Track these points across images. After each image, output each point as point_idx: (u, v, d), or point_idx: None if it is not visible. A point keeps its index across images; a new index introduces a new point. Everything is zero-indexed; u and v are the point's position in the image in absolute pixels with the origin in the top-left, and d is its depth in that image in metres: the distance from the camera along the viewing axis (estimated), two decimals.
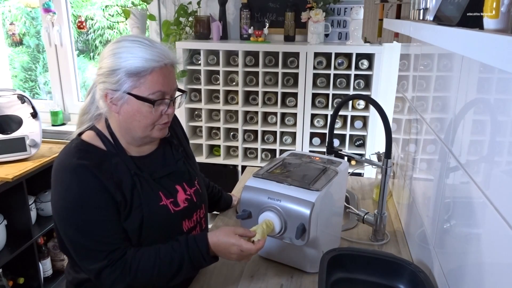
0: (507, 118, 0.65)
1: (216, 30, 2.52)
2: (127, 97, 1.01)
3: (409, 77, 1.52)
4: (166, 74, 1.02)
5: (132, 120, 1.04)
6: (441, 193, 0.98)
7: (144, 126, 1.04)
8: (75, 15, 2.99)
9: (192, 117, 2.63)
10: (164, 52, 1.02)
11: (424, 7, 0.87)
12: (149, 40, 1.03)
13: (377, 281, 1.08)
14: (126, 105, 1.02)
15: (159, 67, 1.00)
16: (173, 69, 1.06)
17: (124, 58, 0.99)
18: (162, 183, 1.11)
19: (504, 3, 0.47)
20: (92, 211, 0.99)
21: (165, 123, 1.07)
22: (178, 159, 1.19)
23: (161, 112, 1.04)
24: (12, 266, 2.14)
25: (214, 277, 1.18)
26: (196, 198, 1.18)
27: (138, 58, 0.98)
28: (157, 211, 1.07)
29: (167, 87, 1.03)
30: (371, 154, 1.88)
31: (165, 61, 1.01)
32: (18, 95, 2.21)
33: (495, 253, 0.67)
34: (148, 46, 1.00)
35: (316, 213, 1.04)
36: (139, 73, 0.99)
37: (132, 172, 1.05)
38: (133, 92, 1.00)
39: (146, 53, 0.99)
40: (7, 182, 1.96)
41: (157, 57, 1.00)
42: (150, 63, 0.99)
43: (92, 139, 1.07)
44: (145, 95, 1.00)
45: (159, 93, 1.02)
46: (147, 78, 0.99)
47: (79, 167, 0.99)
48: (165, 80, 1.02)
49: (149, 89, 1.00)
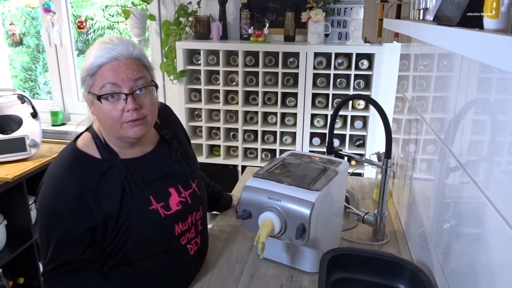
0: (507, 118, 0.65)
1: (216, 30, 2.52)
2: (91, 97, 1.02)
3: (409, 77, 1.52)
4: (117, 68, 0.99)
5: (101, 120, 1.04)
6: (441, 193, 0.98)
7: (111, 126, 1.02)
8: (75, 15, 2.99)
9: (192, 117, 2.63)
10: (116, 48, 1.00)
11: (424, 7, 0.87)
12: (112, 39, 1.03)
13: (377, 281, 1.08)
14: (94, 106, 1.03)
15: (107, 62, 0.99)
16: (132, 63, 1.01)
17: (85, 59, 1.02)
18: (153, 186, 1.09)
19: (504, 3, 0.47)
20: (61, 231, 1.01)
21: (132, 120, 1.01)
22: (176, 161, 1.16)
23: (123, 109, 1.00)
24: (12, 266, 2.14)
25: (214, 277, 1.18)
26: (192, 201, 1.15)
27: (91, 58, 1.00)
28: (147, 215, 1.05)
29: (118, 80, 0.99)
30: (371, 154, 1.88)
31: (115, 56, 0.99)
32: (18, 95, 2.21)
33: (495, 253, 0.67)
34: (105, 44, 1.01)
35: (316, 213, 1.04)
36: (91, 71, 1.00)
37: (122, 177, 1.04)
38: (91, 91, 1.01)
39: (98, 51, 1.00)
40: (7, 182, 1.96)
41: (107, 53, 0.99)
42: (99, 59, 0.99)
43: (86, 145, 1.06)
44: (97, 92, 1.00)
45: (109, 87, 0.99)
46: (97, 74, 0.99)
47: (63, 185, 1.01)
48: (114, 74, 0.99)
49: (99, 84, 0.99)
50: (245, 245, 1.33)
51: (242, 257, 1.27)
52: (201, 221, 1.21)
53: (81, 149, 1.05)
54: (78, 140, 1.08)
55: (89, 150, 1.05)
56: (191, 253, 1.15)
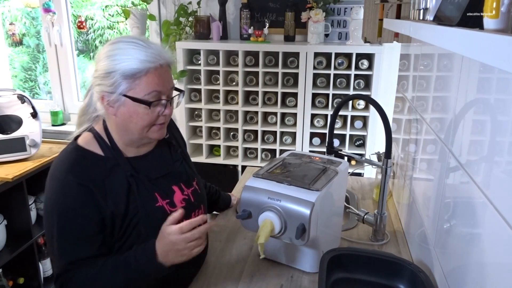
0: (507, 118, 0.65)
1: (216, 30, 2.52)
2: (123, 99, 1.00)
3: (409, 77, 1.52)
4: (162, 75, 1.01)
5: (129, 122, 1.04)
6: (441, 193, 0.98)
7: (141, 128, 1.04)
8: (75, 15, 2.99)
9: (192, 117, 2.63)
10: (158, 52, 1.01)
11: (424, 7, 0.87)
12: (144, 41, 1.02)
13: (377, 281, 1.08)
14: (122, 107, 1.02)
15: (154, 67, 1.00)
16: (169, 69, 1.05)
17: (118, 60, 0.99)
18: (158, 184, 1.10)
19: (504, 3, 0.47)
20: (70, 229, 1.00)
21: (162, 123, 1.07)
22: (176, 160, 1.18)
23: (158, 113, 1.04)
24: (12, 266, 2.13)
25: (214, 277, 1.18)
26: (194, 198, 1.17)
27: (132, 60, 0.98)
28: (154, 212, 1.06)
29: (163, 87, 1.02)
30: (371, 154, 1.88)
31: (160, 62, 1.01)
32: (18, 95, 2.21)
33: (495, 253, 0.67)
34: (142, 47, 1.00)
35: (316, 213, 1.04)
36: (134, 75, 0.98)
37: (128, 174, 1.05)
38: (129, 94, 1.00)
39: (140, 54, 0.99)
40: (7, 182, 1.95)
41: (152, 58, 0.99)
42: (145, 64, 0.98)
43: (88, 143, 1.07)
44: (141, 97, 1.00)
45: (155, 94, 1.01)
46: (142, 79, 0.99)
47: (69, 182, 1.00)
48: (160, 81, 1.01)
49: (144, 90, 1.00)
50: (245, 245, 1.33)
51: (242, 257, 1.27)
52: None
53: (84, 146, 1.06)
54: (79, 139, 1.08)
55: (91, 147, 1.06)
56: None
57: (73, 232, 1.00)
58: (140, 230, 1.04)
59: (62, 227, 1.00)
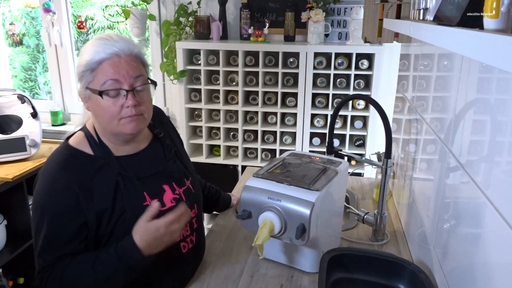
0: (507, 118, 0.65)
1: (216, 30, 2.51)
2: (88, 93, 1.03)
3: (409, 77, 1.52)
4: (118, 65, 1.01)
5: (98, 116, 1.06)
6: (441, 193, 0.98)
7: (108, 121, 1.04)
8: (75, 15, 2.99)
9: (192, 117, 2.63)
10: (116, 44, 1.02)
11: (424, 7, 0.87)
12: (109, 35, 1.04)
13: (377, 281, 1.08)
14: (90, 101, 1.05)
15: (109, 58, 1.00)
16: (132, 60, 1.04)
17: (82, 55, 1.02)
18: (147, 183, 1.10)
19: (504, 3, 0.47)
20: (53, 225, 1.01)
21: (131, 116, 1.03)
22: (169, 159, 1.18)
23: (122, 105, 1.03)
24: (12, 266, 2.14)
25: (214, 277, 1.18)
26: (186, 198, 1.16)
27: (90, 53, 1.01)
28: (140, 211, 1.04)
29: (119, 76, 1.01)
30: (371, 154, 1.88)
31: (116, 52, 1.01)
32: (18, 95, 2.21)
33: (495, 253, 0.67)
34: (102, 40, 1.02)
35: (316, 213, 1.04)
36: (91, 67, 1.00)
37: (116, 172, 1.05)
38: (89, 86, 1.02)
39: (98, 47, 1.01)
40: (7, 182, 1.96)
41: (108, 49, 1.00)
42: (99, 55, 1.00)
43: (79, 142, 1.07)
44: (98, 88, 1.01)
45: (110, 83, 1.01)
46: (98, 70, 1.01)
47: (56, 180, 1.02)
48: (115, 70, 1.01)
49: (100, 80, 1.01)
50: (245, 245, 1.33)
51: (242, 257, 1.27)
52: (196, 219, 1.21)
53: (74, 146, 1.07)
54: (70, 139, 1.09)
55: (81, 147, 1.07)
56: (184, 251, 1.15)
57: (55, 231, 1.01)
58: (126, 228, 1.03)
59: (45, 224, 1.01)
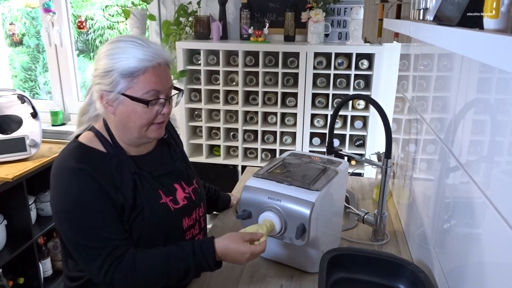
0: (507, 118, 0.65)
1: (216, 30, 2.51)
2: (121, 98, 1.01)
3: (409, 77, 1.52)
4: (160, 73, 1.02)
5: (128, 121, 1.04)
6: (441, 193, 0.98)
7: (140, 127, 1.04)
8: (75, 15, 2.99)
9: (192, 117, 2.63)
10: (157, 51, 1.02)
11: (424, 7, 0.87)
12: (143, 40, 1.03)
13: (377, 281, 1.08)
14: (121, 106, 1.02)
15: (152, 66, 1.00)
16: (168, 68, 1.06)
17: (117, 59, 0.99)
18: (161, 181, 1.12)
19: (504, 3, 0.47)
20: (91, 212, 0.99)
21: (160, 122, 1.07)
22: (176, 159, 1.20)
23: (157, 112, 1.04)
24: (12, 266, 2.14)
25: (214, 277, 1.18)
26: (195, 197, 1.19)
27: (131, 59, 0.99)
28: (158, 209, 1.07)
29: (161, 86, 1.03)
30: (371, 154, 1.88)
31: (158, 61, 1.01)
32: (18, 95, 2.21)
33: (495, 253, 0.67)
34: (141, 46, 1.00)
35: (316, 213, 1.04)
36: (132, 74, 0.99)
37: (132, 171, 1.06)
38: (127, 92, 1.00)
39: (139, 53, 0.99)
40: (7, 182, 1.96)
41: (150, 56, 1.00)
42: (143, 63, 0.99)
43: (90, 140, 1.07)
44: (139, 95, 1.01)
45: (153, 93, 1.02)
46: (140, 78, 0.99)
47: (78, 170, 1.00)
48: (158, 79, 1.02)
49: (142, 89, 1.00)
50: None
51: None
52: (203, 218, 1.24)
53: (86, 144, 1.06)
54: (80, 137, 1.09)
55: (94, 145, 1.07)
56: None
57: (97, 216, 0.99)
58: (144, 225, 1.05)
59: (86, 216, 0.99)
